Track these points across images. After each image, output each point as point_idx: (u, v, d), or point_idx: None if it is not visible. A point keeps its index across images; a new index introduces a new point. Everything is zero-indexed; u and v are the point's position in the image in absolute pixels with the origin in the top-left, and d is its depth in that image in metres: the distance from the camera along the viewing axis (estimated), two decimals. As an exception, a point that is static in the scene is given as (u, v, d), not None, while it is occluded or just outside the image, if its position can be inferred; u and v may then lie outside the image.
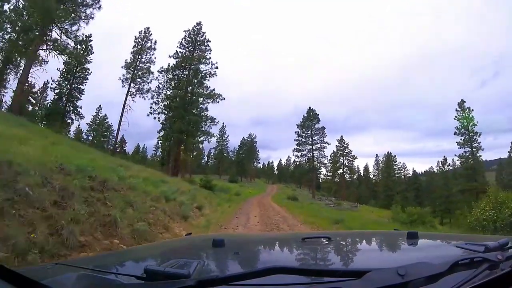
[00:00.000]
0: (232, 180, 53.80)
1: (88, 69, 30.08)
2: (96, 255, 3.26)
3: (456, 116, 36.87)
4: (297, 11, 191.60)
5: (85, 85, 30.15)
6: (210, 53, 28.37)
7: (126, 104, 27.49)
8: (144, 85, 28.80)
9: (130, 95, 28.04)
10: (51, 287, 0.64)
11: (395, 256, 1.09)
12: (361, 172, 68.54)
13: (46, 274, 0.76)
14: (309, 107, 46.90)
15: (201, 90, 27.53)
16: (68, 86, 29.63)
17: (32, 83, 30.42)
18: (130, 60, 29.28)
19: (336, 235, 1.37)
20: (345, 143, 53.07)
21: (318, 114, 46.16)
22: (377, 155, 66.50)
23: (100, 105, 47.67)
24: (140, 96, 28.34)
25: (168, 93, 27.86)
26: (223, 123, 68.28)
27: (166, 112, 27.35)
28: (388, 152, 62.68)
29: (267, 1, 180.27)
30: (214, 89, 27.12)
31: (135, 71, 28.96)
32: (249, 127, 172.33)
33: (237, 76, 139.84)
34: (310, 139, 45.01)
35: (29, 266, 2.39)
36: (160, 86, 27.98)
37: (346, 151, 52.57)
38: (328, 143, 45.88)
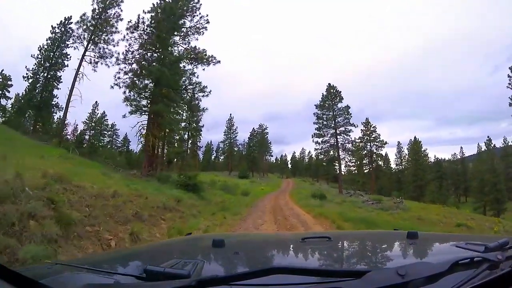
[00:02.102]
0: (242, 175, 54.09)
1: (68, 54, 30.18)
2: (96, 255, 3.48)
3: (509, 84, 34.60)
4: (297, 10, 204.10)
5: (63, 71, 30.10)
6: (199, 4, 23.31)
7: (79, 72, 25.03)
8: (107, 49, 25.92)
9: (89, 62, 25.92)
10: (51, 287, 0.75)
11: (395, 256, 1.19)
12: (381, 162, 67.83)
13: (46, 273, 0.87)
14: (329, 84, 42.08)
15: (184, 47, 22.87)
16: (45, 74, 29.70)
17: (8, 75, 31.45)
18: (92, 15, 26.25)
19: (336, 235, 1.51)
20: (372, 126, 49.34)
21: (341, 91, 41.54)
22: (399, 143, 65.82)
23: (96, 102, 48.25)
24: (102, 63, 25.74)
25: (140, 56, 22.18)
26: (230, 114, 68.00)
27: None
28: (415, 137, 62.06)
29: (267, 1, 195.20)
30: (205, 50, 22.58)
31: (95, 29, 25.95)
32: (261, 122, 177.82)
33: (243, 75, 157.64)
34: (333, 121, 40.33)
35: (29, 266, 2.62)
36: (130, 49, 22.23)
37: (373, 136, 48.95)
38: (355, 125, 40.94)
